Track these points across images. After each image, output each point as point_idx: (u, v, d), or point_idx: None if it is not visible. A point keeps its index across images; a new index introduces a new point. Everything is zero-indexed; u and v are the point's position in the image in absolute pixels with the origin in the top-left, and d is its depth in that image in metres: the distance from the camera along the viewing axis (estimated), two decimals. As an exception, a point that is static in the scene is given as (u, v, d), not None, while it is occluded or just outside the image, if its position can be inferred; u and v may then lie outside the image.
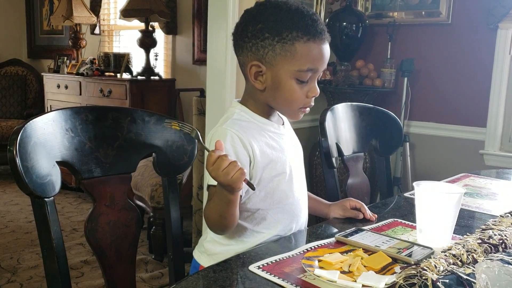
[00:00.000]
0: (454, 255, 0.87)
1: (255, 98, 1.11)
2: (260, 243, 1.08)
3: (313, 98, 1.08)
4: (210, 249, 1.13)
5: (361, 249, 0.96)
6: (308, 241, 1.04)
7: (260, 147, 1.06)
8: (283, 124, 1.17)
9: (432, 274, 0.79)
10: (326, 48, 1.06)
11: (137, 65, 4.01)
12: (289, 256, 0.94)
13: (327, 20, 2.91)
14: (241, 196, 1.04)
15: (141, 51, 3.87)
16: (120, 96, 3.70)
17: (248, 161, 1.05)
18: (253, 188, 0.96)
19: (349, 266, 0.88)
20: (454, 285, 0.79)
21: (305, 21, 1.02)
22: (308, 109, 1.10)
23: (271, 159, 1.08)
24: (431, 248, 0.97)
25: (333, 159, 1.51)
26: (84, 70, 4.04)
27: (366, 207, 1.22)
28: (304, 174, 1.22)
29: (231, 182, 0.90)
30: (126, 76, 3.93)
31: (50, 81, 4.42)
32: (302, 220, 1.18)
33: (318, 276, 0.83)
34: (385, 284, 0.81)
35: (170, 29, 4.03)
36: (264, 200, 1.09)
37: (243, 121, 1.08)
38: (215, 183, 0.96)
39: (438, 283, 0.77)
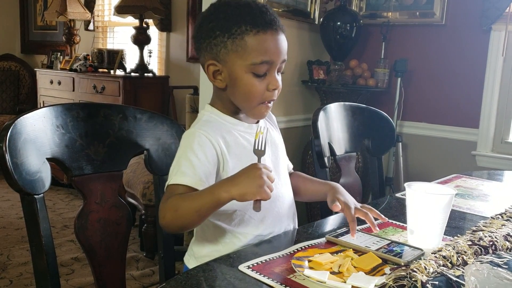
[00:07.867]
0: (444, 257, 0.88)
1: (221, 98, 1.11)
2: (244, 245, 1.06)
3: (275, 91, 1.06)
4: (197, 252, 1.11)
5: (352, 249, 0.97)
6: (298, 241, 1.03)
7: (229, 146, 1.05)
8: (257, 123, 1.14)
9: (422, 275, 0.79)
10: (280, 39, 1.04)
11: (130, 62, 4.00)
12: (279, 256, 0.94)
13: (321, 19, 2.91)
14: None
15: (135, 48, 3.86)
16: (113, 93, 3.68)
17: (216, 161, 1.03)
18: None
19: (339, 267, 0.88)
20: (444, 287, 0.80)
21: (253, 13, 1.01)
22: (271, 103, 1.08)
23: (241, 158, 1.05)
24: (422, 249, 0.97)
25: (325, 159, 1.51)
26: (77, 66, 4.02)
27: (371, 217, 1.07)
28: (286, 172, 1.20)
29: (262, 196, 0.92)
30: (119, 72, 3.92)
31: (43, 76, 4.39)
32: (285, 220, 1.15)
33: (308, 277, 0.82)
34: (375, 285, 0.81)
35: (165, 26, 4.02)
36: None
37: (212, 122, 1.08)
38: (178, 182, 0.97)
39: (427, 285, 0.77)
